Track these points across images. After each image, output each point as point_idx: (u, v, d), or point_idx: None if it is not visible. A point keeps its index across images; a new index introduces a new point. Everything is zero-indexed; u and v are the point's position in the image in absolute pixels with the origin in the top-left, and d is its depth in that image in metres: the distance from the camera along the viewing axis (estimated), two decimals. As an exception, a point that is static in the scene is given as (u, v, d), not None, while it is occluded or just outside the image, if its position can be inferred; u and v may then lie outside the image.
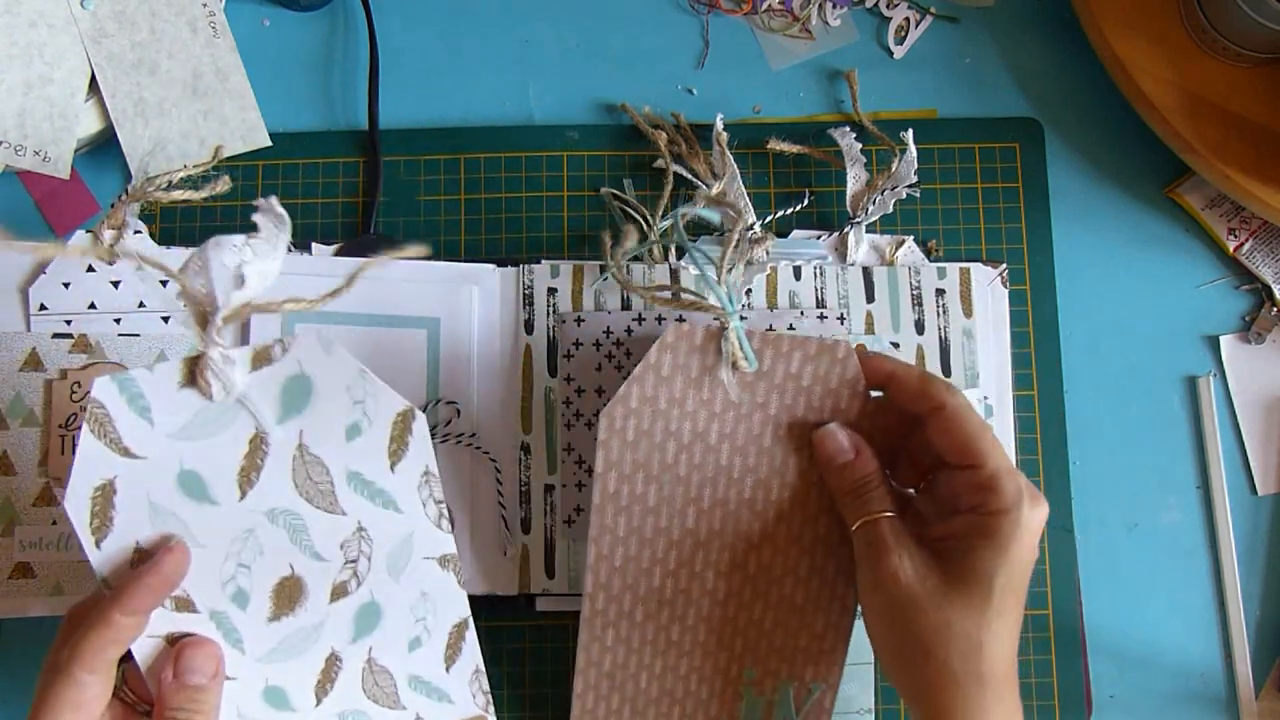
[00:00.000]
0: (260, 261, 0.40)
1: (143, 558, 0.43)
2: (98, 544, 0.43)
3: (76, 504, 0.42)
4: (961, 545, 0.41)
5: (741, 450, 0.45)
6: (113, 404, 0.41)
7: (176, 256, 0.54)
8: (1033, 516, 0.41)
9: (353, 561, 0.47)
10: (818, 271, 0.57)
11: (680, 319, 0.46)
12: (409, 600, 0.48)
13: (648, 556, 0.47)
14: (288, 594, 0.46)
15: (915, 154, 0.56)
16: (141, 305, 0.54)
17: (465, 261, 0.58)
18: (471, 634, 0.51)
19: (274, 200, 0.39)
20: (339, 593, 0.47)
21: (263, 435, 0.43)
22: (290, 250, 0.55)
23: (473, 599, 0.56)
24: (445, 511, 0.47)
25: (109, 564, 0.43)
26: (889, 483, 0.44)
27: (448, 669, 0.50)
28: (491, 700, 0.52)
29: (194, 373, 0.41)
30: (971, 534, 0.41)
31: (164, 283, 0.54)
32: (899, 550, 0.42)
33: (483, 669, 0.51)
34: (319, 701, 0.48)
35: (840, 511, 0.45)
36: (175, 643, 0.44)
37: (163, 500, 0.43)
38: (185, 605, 0.45)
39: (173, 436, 0.42)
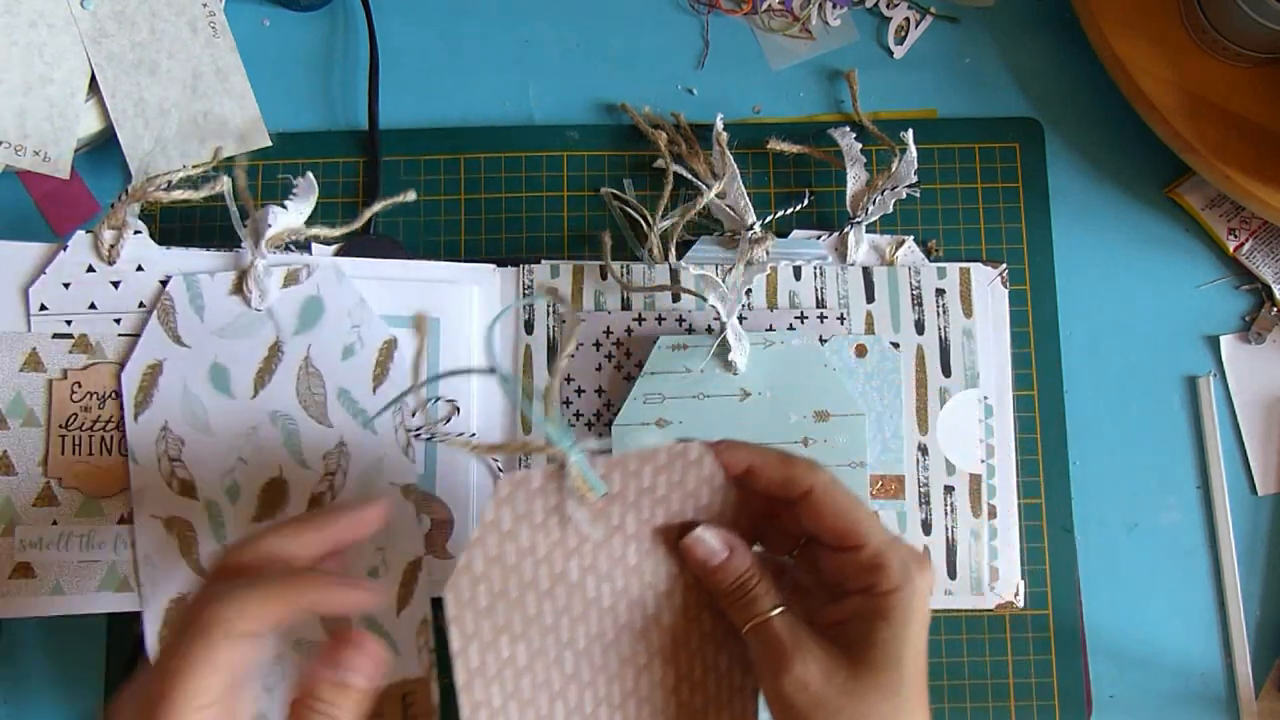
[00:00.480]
0: (296, 204, 0.54)
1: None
2: (136, 416, 0.53)
3: (132, 376, 0.53)
4: (860, 628, 0.39)
5: (608, 577, 0.42)
6: (179, 298, 0.53)
7: (177, 255, 0.54)
8: (923, 583, 0.39)
9: (331, 474, 0.53)
10: (818, 271, 0.57)
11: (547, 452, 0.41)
12: None
13: (532, 717, 0.43)
14: (273, 496, 0.53)
15: (915, 154, 0.56)
16: (141, 305, 0.54)
17: (465, 261, 0.58)
18: (424, 577, 0.53)
19: (310, 176, 0.54)
20: (314, 504, 0.53)
21: (280, 344, 0.54)
22: (291, 250, 0.55)
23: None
24: (412, 442, 0.54)
25: (139, 438, 0.53)
26: (771, 572, 0.41)
27: (399, 612, 0.53)
28: (435, 660, 0.53)
29: (241, 282, 0.53)
30: (868, 615, 0.39)
31: (164, 282, 0.54)
32: (800, 652, 0.39)
33: (430, 621, 0.53)
34: None
35: (726, 613, 0.42)
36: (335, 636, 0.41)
37: (194, 387, 0.53)
38: (189, 489, 0.53)
39: (214, 333, 0.53)
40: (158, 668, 0.36)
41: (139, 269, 0.54)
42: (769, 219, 0.58)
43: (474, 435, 0.55)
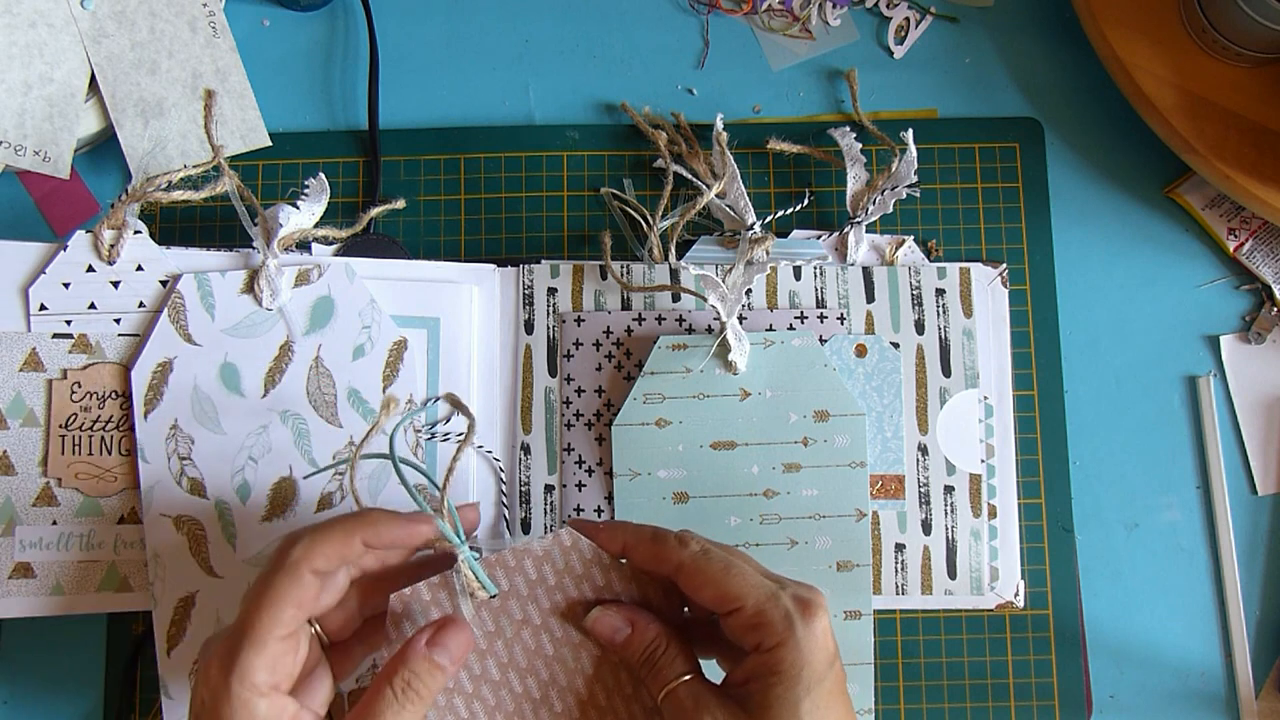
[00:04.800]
0: (309, 204, 0.55)
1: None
2: (145, 414, 0.53)
3: (141, 375, 0.53)
4: (760, 685, 0.40)
5: (530, 670, 0.43)
6: (189, 297, 0.53)
7: (177, 255, 0.54)
8: (812, 629, 0.39)
9: (341, 474, 0.54)
10: (818, 271, 0.57)
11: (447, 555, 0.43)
12: None
13: None
14: (283, 496, 0.53)
15: (915, 154, 0.56)
16: (141, 305, 0.54)
17: (465, 261, 0.58)
18: None
19: (322, 176, 0.55)
20: (324, 504, 0.54)
21: (291, 343, 0.54)
22: (291, 250, 0.55)
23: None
24: (421, 442, 0.55)
25: (149, 436, 0.53)
26: (679, 639, 0.43)
27: None
28: None
29: (253, 281, 0.54)
30: (764, 673, 0.39)
31: (164, 282, 0.54)
32: (703, 717, 0.40)
33: None
34: None
35: (642, 681, 0.43)
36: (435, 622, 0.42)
37: (204, 385, 0.53)
38: (197, 488, 0.53)
39: (225, 332, 0.53)
40: (244, 604, 0.40)
41: (139, 269, 0.54)
42: (769, 219, 0.58)
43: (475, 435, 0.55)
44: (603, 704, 0.44)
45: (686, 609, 0.45)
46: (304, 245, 0.56)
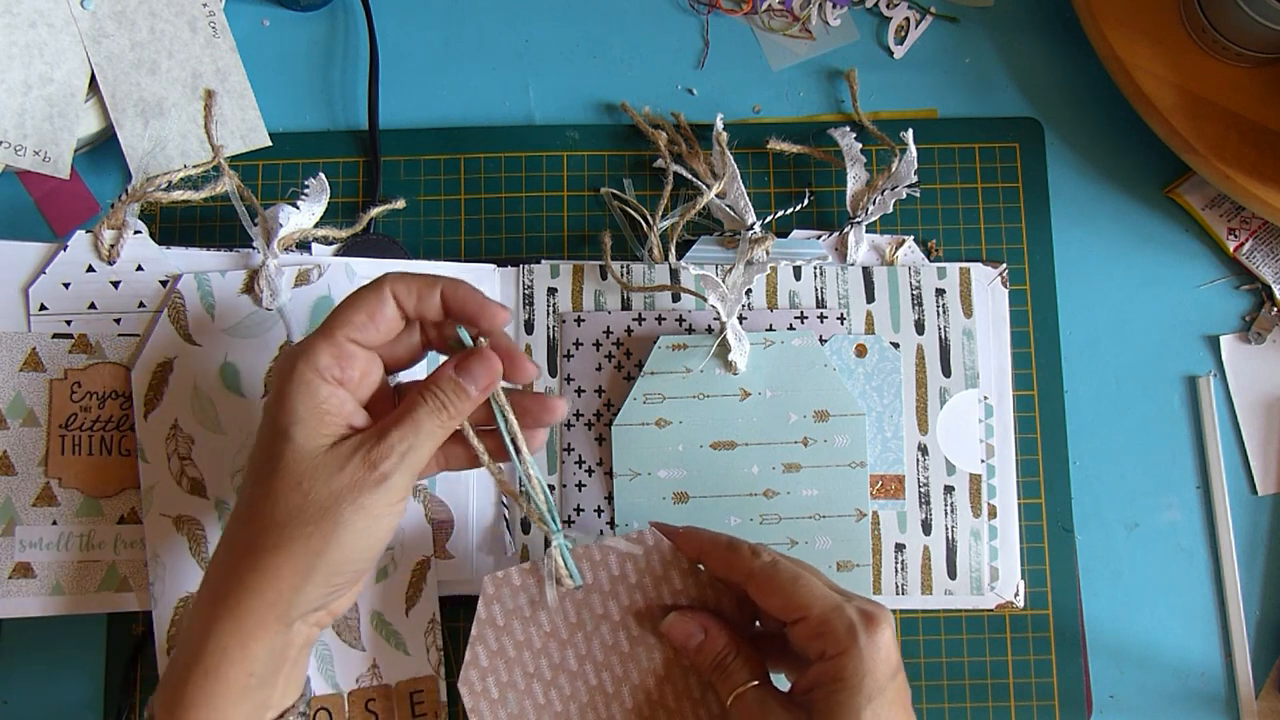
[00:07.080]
0: (309, 204, 0.55)
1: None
2: (145, 415, 0.52)
3: (141, 376, 0.53)
4: (823, 694, 0.41)
5: (605, 664, 0.45)
6: (189, 297, 0.53)
7: (177, 255, 0.54)
8: (875, 640, 0.41)
9: None
10: (818, 271, 0.57)
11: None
12: None
13: None
14: None
15: (915, 154, 0.56)
16: (141, 305, 0.54)
17: (465, 261, 0.58)
18: (432, 577, 0.53)
19: (322, 176, 0.55)
20: None
21: (291, 343, 0.53)
22: (291, 250, 0.55)
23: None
24: None
25: (149, 436, 0.52)
26: (749, 647, 0.44)
27: (407, 612, 0.53)
28: (443, 659, 0.53)
29: (253, 281, 0.54)
30: (827, 681, 0.41)
31: (164, 282, 0.54)
32: None
33: (439, 621, 0.53)
34: None
35: (711, 686, 0.45)
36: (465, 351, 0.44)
37: (205, 385, 0.53)
38: (198, 488, 0.52)
39: (225, 332, 0.53)
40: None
41: (139, 269, 0.54)
42: (769, 219, 0.58)
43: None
44: (671, 706, 0.45)
45: (758, 622, 0.46)
46: (304, 245, 0.56)
